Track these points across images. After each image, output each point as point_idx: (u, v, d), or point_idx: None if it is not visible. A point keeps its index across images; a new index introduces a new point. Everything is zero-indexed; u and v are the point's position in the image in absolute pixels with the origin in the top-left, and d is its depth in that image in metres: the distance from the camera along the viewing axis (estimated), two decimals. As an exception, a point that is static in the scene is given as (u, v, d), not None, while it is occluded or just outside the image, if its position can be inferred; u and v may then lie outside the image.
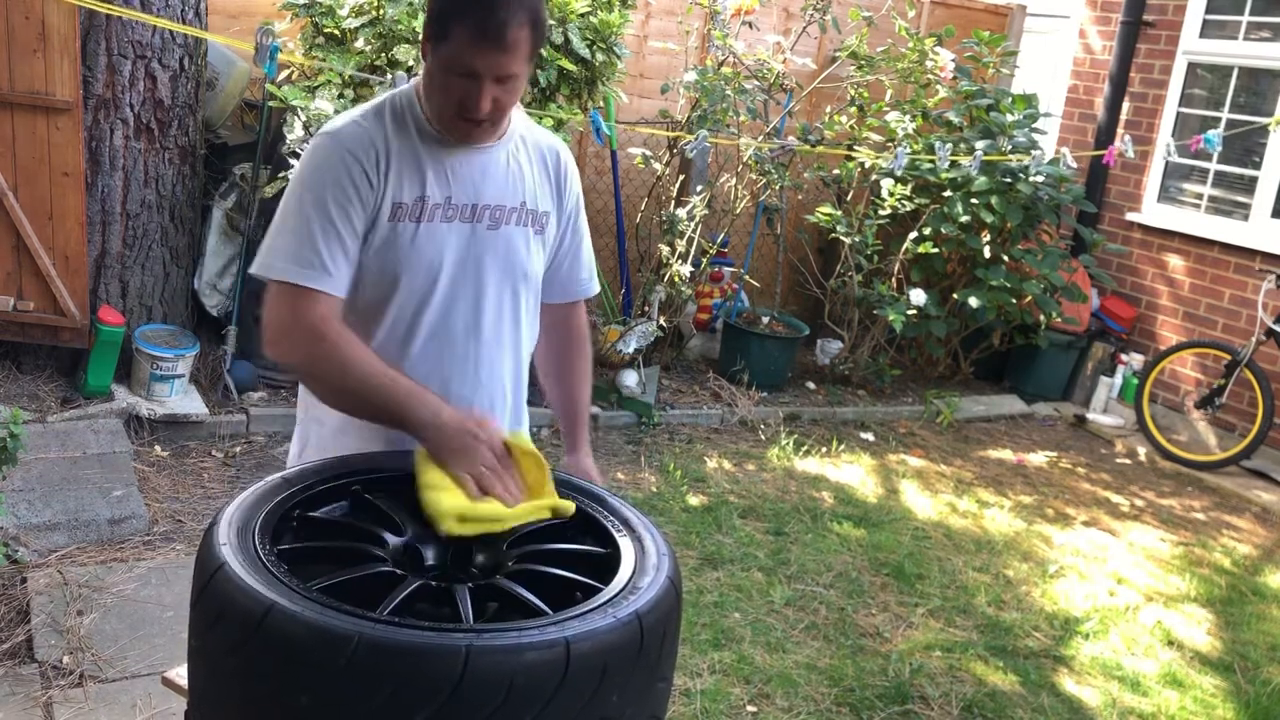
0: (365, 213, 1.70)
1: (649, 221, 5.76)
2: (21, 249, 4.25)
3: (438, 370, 1.79)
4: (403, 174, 1.72)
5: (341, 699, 1.18)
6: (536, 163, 1.88)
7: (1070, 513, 4.93)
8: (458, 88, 1.65)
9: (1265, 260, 5.86)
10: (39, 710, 2.69)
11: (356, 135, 1.71)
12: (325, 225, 1.67)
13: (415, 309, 1.76)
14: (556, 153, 1.93)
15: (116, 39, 4.33)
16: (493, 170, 1.80)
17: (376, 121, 1.74)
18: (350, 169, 1.68)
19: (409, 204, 1.72)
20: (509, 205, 1.81)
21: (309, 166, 1.72)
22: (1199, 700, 3.48)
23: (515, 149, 1.84)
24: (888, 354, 6.17)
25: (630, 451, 4.92)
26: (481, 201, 1.78)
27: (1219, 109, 6.29)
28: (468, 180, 1.77)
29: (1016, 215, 5.95)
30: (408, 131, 1.74)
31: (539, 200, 1.86)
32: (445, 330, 1.79)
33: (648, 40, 6.11)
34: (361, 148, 1.70)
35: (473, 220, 1.77)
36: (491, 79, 1.64)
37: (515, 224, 1.82)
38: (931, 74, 5.94)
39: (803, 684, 3.23)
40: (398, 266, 1.73)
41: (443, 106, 1.69)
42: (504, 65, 1.63)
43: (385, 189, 1.71)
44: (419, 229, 1.73)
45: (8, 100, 4.10)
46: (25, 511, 3.53)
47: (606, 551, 1.54)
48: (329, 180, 1.68)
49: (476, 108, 1.66)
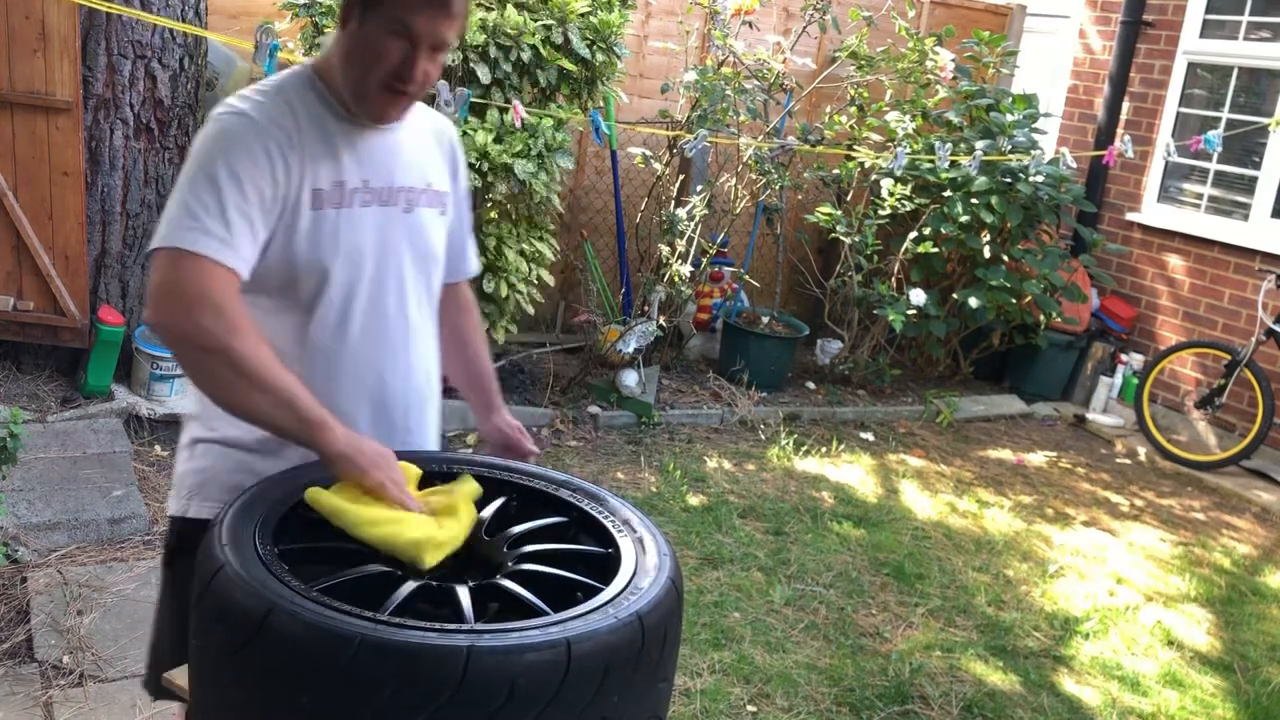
0: (278, 197, 1.59)
1: (649, 221, 5.76)
2: (21, 249, 4.25)
3: (375, 361, 1.73)
4: (318, 157, 1.63)
5: (342, 699, 1.18)
6: (432, 142, 1.84)
7: (1070, 513, 4.94)
8: (394, 53, 1.59)
9: (1265, 260, 5.86)
10: (39, 710, 2.69)
11: (267, 114, 1.60)
12: (236, 200, 1.53)
13: (345, 299, 1.68)
14: (450, 134, 1.89)
15: (116, 39, 4.33)
16: (401, 151, 1.75)
17: (281, 102, 1.64)
18: (267, 147, 1.58)
19: (328, 189, 1.64)
20: (419, 187, 1.77)
21: (219, 139, 1.57)
22: (1199, 700, 3.48)
23: (413, 128, 1.79)
24: (888, 354, 6.17)
25: (630, 451, 4.92)
26: (395, 184, 1.72)
27: (1219, 109, 6.29)
28: (381, 162, 1.71)
29: (1016, 215, 5.95)
30: (315, 112, 1.66)
31: (440, 180, 1.83)
32: (378, 319, 1.72)
33: (648, 40, 6.11)
34: (274, 127, 1.60)
35: (389, 203, 1.72)
36: (428, 45, 1.60)
37: (425, 205, 1.78)
38: (931, 74, 5.94)
39: (803, 684, 3.23)
40: (324, 257, 1.64)
41: (368, 77, 1.61)
42: (444, 31, 1.60)
43: (302, 174, 1.61)
44: (340, 215, 1.65)
45: (8, 100, 4.10)
46: (25, 511, 3.52)
47: (607, 552, 1.54)
48: (242, 155, 1.56)
49: (410, 75, 1.60)
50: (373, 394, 1.75)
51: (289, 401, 1.50)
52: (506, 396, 5.11)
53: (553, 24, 4.58)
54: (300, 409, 1.51)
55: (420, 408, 1.85)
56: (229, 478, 1.71)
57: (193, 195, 1.53)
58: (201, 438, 1.75)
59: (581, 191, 6.15)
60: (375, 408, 1.75)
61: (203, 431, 1.75)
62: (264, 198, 1.57)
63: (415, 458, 1.67)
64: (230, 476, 1.71)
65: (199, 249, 1.50)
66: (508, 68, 4.45)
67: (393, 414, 1.78)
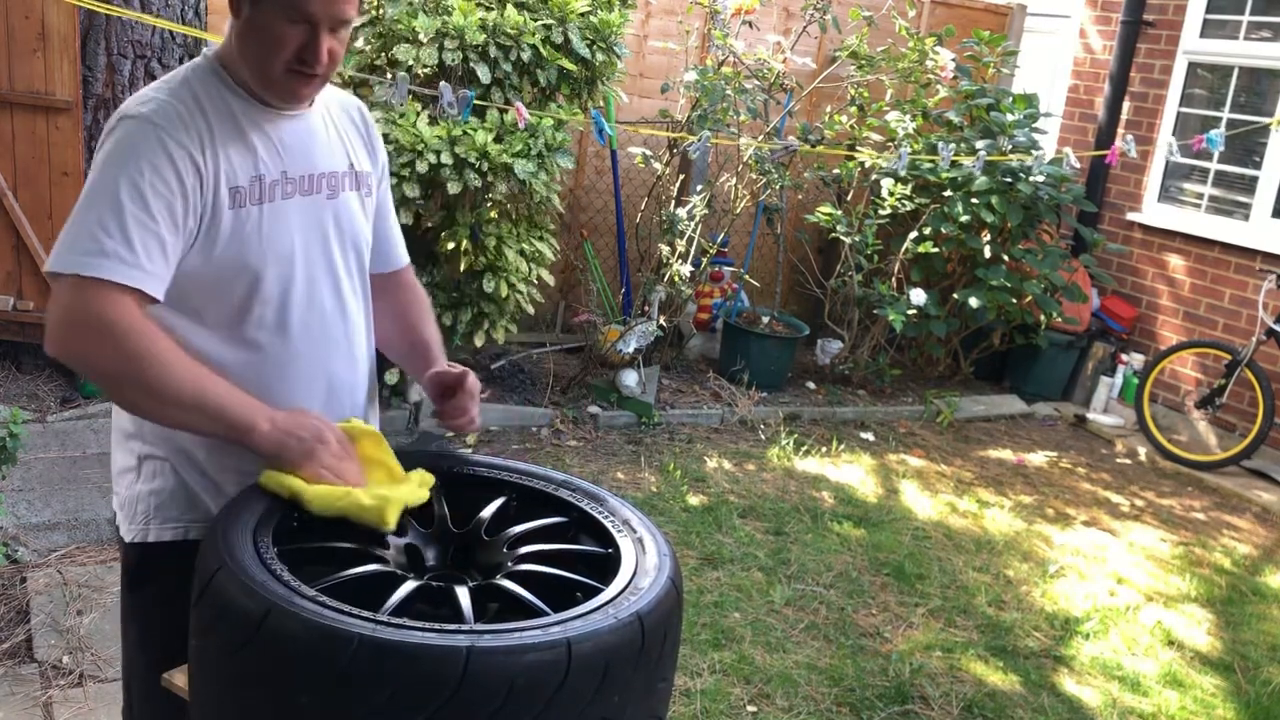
0: (191, 205, 1.51)
1: (649, 221, 5.76)
2: (21, 249, 4.25)
3: (319, 354, 1.68)
4: (230, 153, 1.55)
5: (342, 700, 1.18)
6: (346, 121, 1.77)
7: (1070, 513, 4.93)
8: (293, 38, 1.52)
9: (1266, 260, 5.86)
10: (39, 710, 2.69)
11: (172, 116, 1.51)
12: (140, 216, 1.45)
13: (280, 297, 1.61)
14: (360, 109, 1.82)
15: (116, 39, 4.33)
16: (318, 135, 1.68)
17: (188, 97, 1.55)
18: (172, 154, 1.49)
19: (246, 186, 1.56)
20: (340, 170, 1.70)
21: (119, 151, 1.49)
22: (1199, 700, 3.48)
23: (326, 110, 1.73)
24: (888, 354, 6.17)
25: (630, 451, 4.92)
26: (316, 170, 1.66)
27: (1219, 109, 6.28)
28: (297, 149, 1.63)
29: (1017, 215, 5.95)
30: (222, 104, 1.57)
31: (361, 160, 1.77)
32: (316, 314, 1.66)
33: (648, 40, 6.11)
34: (181, 129, 1.51)
35: (312, 191, 1.65)
36: (328, 26, 1.53)
37: (349, 189, 1.72)
38: (932, 74, 5.94)
39: (803, 684, 3.23)
40: (251, 257, 1.57)
41: (271, 63, 1.54)
42: (341, 8, 1.52)
43: (217, 174, 1.53)
44: (263, 211, 1.58)
45: (8, 100, 4.10)
46: (25, 511, 3.52)
47: (607, 552, 1.54)
48: (145, 166, 1.47)
49: (315, 58, 1.53)
50: (323, 388, 1.70)
51: (214, 412, 1.47)
52: (506, 396, 5.15)
53: (553, 24, 4.58)
54: (227, 417, 1.48)
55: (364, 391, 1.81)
56: (187, 492, 1.65)
57: (93, 215, 1.45)
58: (149, 454, 1.66)
59: (581, 191, 6.15)
60: (326, 399, 1.71)
61: (146, 449, 1.66)
62: (173, 210, 1.49)
63: (417, 462, 1.67)
64: (188, 491, 1.65)
65: (101, 274, 1.42)
66: (508, 67, 4.45)
67: (342, 403, 1.74)
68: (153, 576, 1.67)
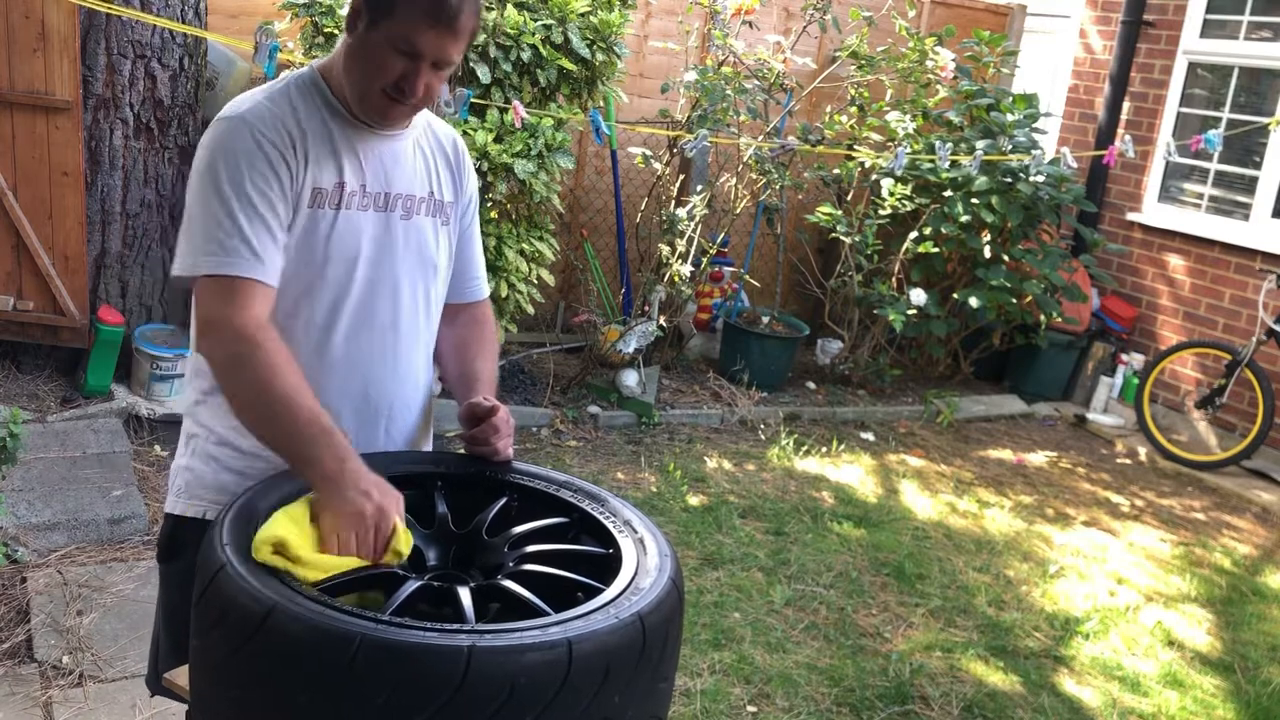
0: (288, 198, 1.60)
1: (649, 221, 5.76)
2: (21, 248, 4.25)
3: (360, 364, 1.72)
4: (319, 157, 1.64)
5: (343, 699, 1.18)
6: (439, 152, 1.83)
7: (1070, 513, 4.93)
8: (396, 67, 1.59)
9: (1266, 260, 5.86)
10: (39, 710, 2.69)
11: (268, 117, 1.62)
12: (249, 211, 1.56)
13: (334, 301, 1.68)
14: (455, 142, 1.88)
15: (116, 39, 4.33)
16: (402, 158, 1.74)
17: (285, 102, 1.65)
18: (268, 152, 1.59)
19: (328, 190, 1.64)
20: (419, 195, 1.76)
21: (220, 151, 1.59)
22: (1199, 700, 3.48)
23: (420, 137, 1.79)
24: (888, 354, 6.17)
25: (630, 451, 4.92)
26: (394, 190, 1.72)
27: (1219, 109, 6.29)
28: (379, 167, 1.71)
29: (1017, 215, 5.95)
30: (318, 114, 1.66)
31: (444, 190, 1.82)
32: (366, 322, 1.71)
33: (648, 40, 6.11)
34: (276, 129, 1.61)
35: (387, 210, 1.71)
36: (431, 62, 1.60)
37: (425, 214, 1.77)
38: (932, 74, 5.94)
39: (803, 684, 3.23)
40: (316, 258, 1.65)
41: (370, 84, 1.62)
42: (448, 50, 1.60)
43: (305, 173, 1.62)
44: (338, 216, 1.65)
45: (8, 100, 4.10)
46: (25, 511, 3.52)
47: (608, 552, 1.54)
48: (246, 164, 1.57)
49: (412, 90, 1.61)
50: (357, 397, 1.73)
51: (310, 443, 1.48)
52: (507, 396, 5.15)
53: (553, 24, 4.58)
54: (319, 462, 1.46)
55: (416, 413, 1.84)
56: (215, 477, 1.71)
57: (218, 212, 1.56)
58: (195, 433, 1.75)
59: (581, 191, 6.15)
60: (358, 409, 1.73)
61: (196, 428, 1.75)
62: (276, 206, 1.59)
63: (418, 458, 1.68)
64: (217, 476, 1.71)
65: (237, 272, 1.54)
66: (508, 67, 4.45)
67: (376, 418, 1.76)
68: (178, 551, 1.73)
